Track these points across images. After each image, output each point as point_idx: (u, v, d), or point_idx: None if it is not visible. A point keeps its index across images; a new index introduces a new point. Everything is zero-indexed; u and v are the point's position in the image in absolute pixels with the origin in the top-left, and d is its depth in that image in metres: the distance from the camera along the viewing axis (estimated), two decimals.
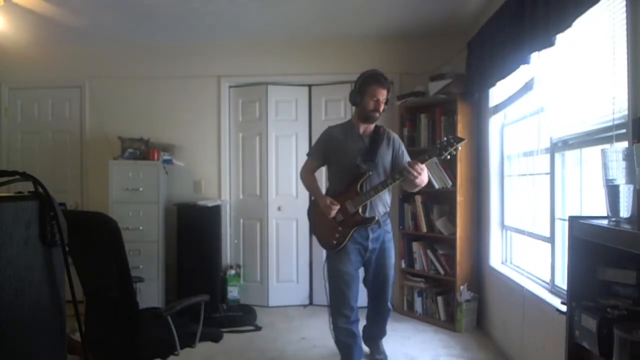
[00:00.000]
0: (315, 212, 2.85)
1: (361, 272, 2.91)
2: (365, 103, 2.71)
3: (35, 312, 0.99)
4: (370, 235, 2.74)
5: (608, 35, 2.03)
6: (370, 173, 2.67)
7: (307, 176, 2.91)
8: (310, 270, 4.55)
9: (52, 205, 1.01)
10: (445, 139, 2.62)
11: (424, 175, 2.62)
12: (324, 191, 2.92)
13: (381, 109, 2.73)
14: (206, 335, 2.42)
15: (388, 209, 2.85)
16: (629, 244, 1.32)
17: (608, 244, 1.43)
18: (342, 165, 2.75)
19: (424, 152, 2.65)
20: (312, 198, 2.95)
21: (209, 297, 2.43)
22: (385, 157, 2.77)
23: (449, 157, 2.60)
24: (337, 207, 2.67)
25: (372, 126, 2.81)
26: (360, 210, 2.68)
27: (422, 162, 2.57)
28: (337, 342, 2.86)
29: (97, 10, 3.71)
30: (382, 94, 2.70)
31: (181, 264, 4.17)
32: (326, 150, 2.83)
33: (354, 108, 2.85)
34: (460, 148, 2.61)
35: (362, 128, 2.80)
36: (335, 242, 2.72)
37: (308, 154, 2.97)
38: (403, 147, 2.87)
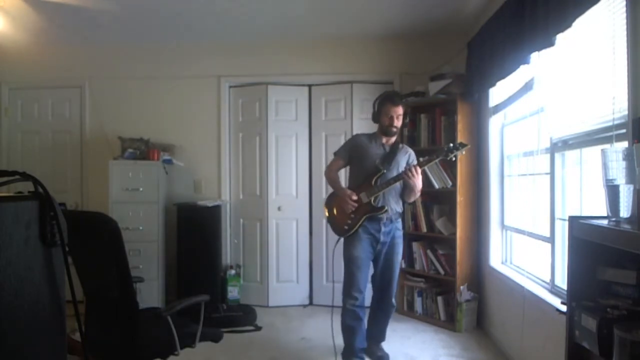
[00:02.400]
0: (332, 202, 3.14)
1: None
2: (382, 120, 3.06)
3: (35, 312, 0.99)
4: (382, 229, 3.00)
5: (608, 35, 2.03)
6: (385, 171, 2.99)
7: (332, 172, 3.21)
8: (310, 270, 4.55)
9: (52, 205, 1.01)
10: (452, 144, 2.97)
11: (417, 180, 2.90)
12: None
13: (396, 123, 3.04)
14: (206, 335, 2.41)
15: (401, 210, 3.12)
16: (629, 244, 1.32)
17: (608, 244, 1.43)
18: (363, 165, 3.07)
19: (431, 152, 3.03)
20: (331, 191, 3.22)
21: (209, 297, 2.43)
22: (400, 163, 3.07)
23: (454, 158, 2.97)
24: (355, 198, 2.95)
25: (392, 139, 3.14)
26: (372, 200, 2.96)
27: (428, 163, 2.96)
28: (342, 325, 3.05)
29: (97, 10, 3.71)
30: (396, 112, 3.01)
31: (181, 264, 4.17)
32: (352, 150, 3.15)
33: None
34: (464, 152, 2.98)
35: (384, 139, 3.12)
36: (346, 227, 3.00)
37: (335, 153, 3.25)
38: (416, 162, 3.12)
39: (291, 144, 4.54)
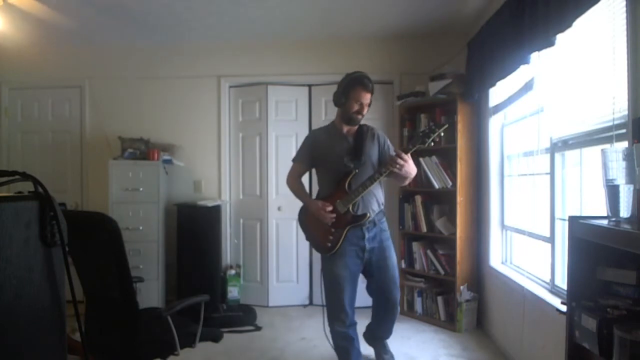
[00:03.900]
0: (306, 218, 2.82)
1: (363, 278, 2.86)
2: (349, 105, 2.69)
3: (35, 312, 0.99)
4: (366, 235, 2.69)
5: (608, 35, 2.03)
6: (357, 170, 2.64)
7: (293, 181, 2.88)
8: (310, 270, 4.55)
9: (52, 205, 1.01)
10: (427, 127, 2.65)
11: (409, 166, 2.56)
12: (313, 196, 2.88)
13: (364, 111, 2.72)
14: (206, 335, 2.42)
15: (382, 207, 2.80)
16: (629, 244, 1.32)
17: (608, 244, 1.43)
18: (329, 166, 2.74)
19: (407, 142, 2.71)
20: (302, 205, 2.88)
21: (209, 297, 2.43)
22: (372, 153, 2.74)
23: (432, 143, 2.61)
24: (329, 209, 2.64)
25: (354, 128, 2.79)
26: (351, 208, 2.64)
27: (407, 153, 2.55)
28: (335, 345, 2.82)
29: (97, 10, 3.71)
30: (366, 98, 2.69)
31: (181, 264, 4.17)
32: (311, 153, 2.82)
33: (336, 109, 2.83)
34: (442, 134, 2.63)
35: (346, 129, 2.79)
36: (329, 244, 2.68)
37: (293, 159, 2.93)
38: (389, 142, 2.84)
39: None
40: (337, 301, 2.70)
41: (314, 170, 2.99)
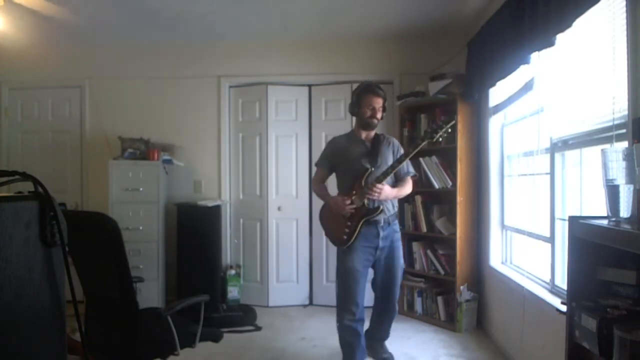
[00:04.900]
0: (324, 214, 3.02)
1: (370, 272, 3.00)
2: (362, 112, 2.92)
3: (35, 312, 0.99)
4: (381, 234, 2.85)
5: (608, 35, 2.03)
6: (373, 169, 2.83)
7: (317, 185, 3.10)
8: (310, 270, 4.55)
9: (52, 205, 1.01)
10: (435, 124, 2.88)
11: (386, 192, 2.77)
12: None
13: (378, 115, 2.93)
14: (206, 335, 2.42)
15: (396, 209, 2.98)
16: (629, 244, 1.32)
17: (608, 244, 1.43)
18: (348, 168, 2.93)
19: (416, 138, 2.93)
20: (323, 203, 3.06)
21: (209, 297, 2.43)
22: (387, 157, 2.93)
23: (440, 139, 2.82)
24: (348, 202, 2.80)
25: (372, 133, 3.00)
26: (366, 203, 2.81)
27: (414, 149, 2.74)
28: (341, 340, 2.92)
29: (97, 10, 3.71)
30: (378, 102, 2.91)
31: (181, 264, 4.17)
32: (332, 157, 3.02)
33: (354, 118, 3.06)
34: (450, 130, 2.80)
35: (364, 135, 2.99)
36: (345, 237, 2.83)
37: (316, 164, 3.15)
38: (401, 150, 3.02)
39: (291, 144, 4.54)
40: (350, 293, 2.83)
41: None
